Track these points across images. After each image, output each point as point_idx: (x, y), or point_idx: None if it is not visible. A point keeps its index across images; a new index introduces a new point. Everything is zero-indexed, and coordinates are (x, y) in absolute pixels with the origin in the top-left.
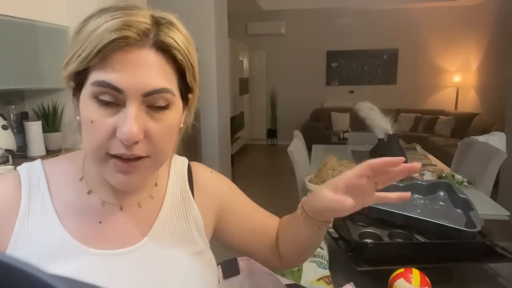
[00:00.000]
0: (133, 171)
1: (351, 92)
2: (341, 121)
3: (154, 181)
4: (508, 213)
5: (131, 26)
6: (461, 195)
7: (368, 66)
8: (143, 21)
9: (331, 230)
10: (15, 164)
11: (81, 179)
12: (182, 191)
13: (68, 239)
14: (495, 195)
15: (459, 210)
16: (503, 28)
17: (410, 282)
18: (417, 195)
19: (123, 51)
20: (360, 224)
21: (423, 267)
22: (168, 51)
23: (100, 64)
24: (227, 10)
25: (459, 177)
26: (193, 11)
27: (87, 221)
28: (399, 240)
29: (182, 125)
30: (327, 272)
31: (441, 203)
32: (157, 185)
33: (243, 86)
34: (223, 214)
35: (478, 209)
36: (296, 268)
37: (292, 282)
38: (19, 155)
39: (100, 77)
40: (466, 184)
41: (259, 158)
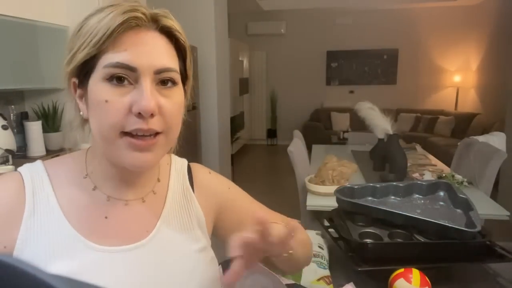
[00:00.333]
0: (148, 148)
1: (351, 92)
2: (341, 121)
3: (156, 177)
4: (508, 213)
5: (136, 9)
6: (461, 195)
7: (368, 66)
8: (142, 7)
9: (331, 230)
10: (15, 164)
11: (85, 177)
12: (183, 189)
13: (74, 235)
14: (495, 195)
15: (459, 210)
16: (503, 28)
17: (410, 282)
18: (417, 195)
19: (133, 32)
20: (360, 224)
21: (423, 267)
22: (170, 34)
23: (111, 46)
24: (227, 10)
25: (459, 177)
26: (193, 11)
27: (93, 216)
28: (399, 240)
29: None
30: (327, 272)
31: (441, 203)
32: (160, 180)
33: (243, 86)
34: (222, 212)
35: (478, 209)
36: None
37: (292, 282)
38: (19, 155)
39: (113, 58)
40: (466, 184)
41: (259, 158)
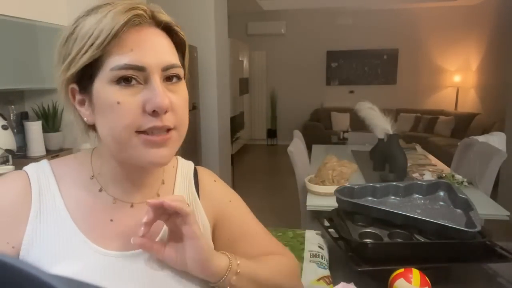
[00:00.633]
0: (164, 144)
1: (351, 92)
2: (341, 121)
3: (161, 178)
4: (508, 213)
5: (137, 7)
6: (461, 195)
7: (368, 66)
8: (140, 4)
9: (331, 230)
10: (15, 164)
11: (91, 178)
12: (189, 195)
13: (80, 238)
14: (495, 195)
15: (459, 210)
16: (503, 28)
17: (410, 282)
18: (417, 195)
19: (136, 31)
20: (360, 224)
21: (423, 267)
22: (169, 29)
23: (116, 47)
24: (227, 10)
25: (459, 177)
26: (193, 11)
27: (99, 219)
28: (399, 240)
29: None
30: (327, 272)
31: (441, 203)
32: (164, 183)
33: (243, 86)
34: (217, 224)
35: (478, 209)
36: None
37: None
38: (19, 155)
39: (120, 60)
40: (466, 184)
41: (259, 158)
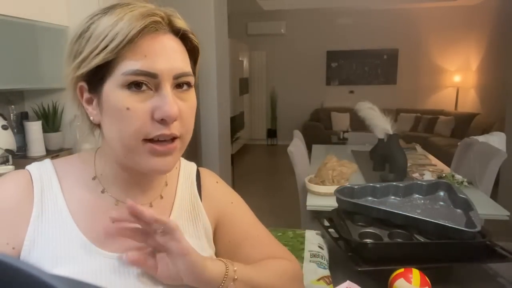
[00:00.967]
0: (169, 153)
1: (351, 92)
2: (341, 121)
3: (164, 180)
4: (508, 213)
5: (154, 13)
6: (461, 195)
7: (368, 66)
8: (156, 9)
9: (331, 230)
10: (15, 164)
11: (93, 178)
12: (191, 197)
13: (82, 239)
14: (495, 195)
15: (459, 210)
16: (503, 28)
17: (410, 282)
18: (417, 195)
19: (151, 37)
20: (360, 224)
21: (423, 267)
22: (183, 36)
23: (129, 52)
24: (227, 10)
25: (459, 177)
26: (193, 11)
27: (100, 221)
28: (399, 240)
29: None
30: (327, 272)
31: (441, 203)
32: (167, 184)
33: (243, 86)
34: (219, 226)
35: (478, 209)
36: None
37: None
38: (19, 155)
39: (133, 65)
40: (466, 184)
41: (259, 158)
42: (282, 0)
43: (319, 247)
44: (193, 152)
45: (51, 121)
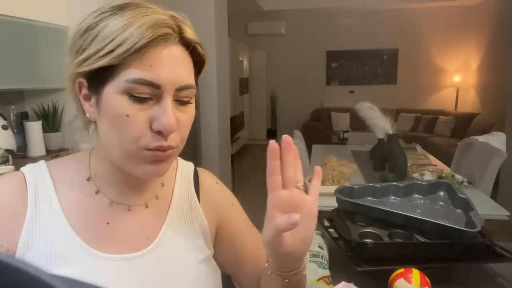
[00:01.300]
0: (164, 160)
1: (351, 92)
2: (341, 121)
3: (160, 181)
4: (508, 213)
5: (167, 23)
6: (461, 195)
7: (368, 66)
8: (168, 19)
9: (331, 230)
10: (15, 164)
11: (88, 179)
12: (188, 197)
13: (76, 241)
14: (495, 195)
15: (459, 210)
16: (503, 28)
17: (410, 282)
18: (417, 195)
19: (159, 47)
20: (360, 224)
21: (423, 267)
22: (190, 46)
23: (135, 60)
24: (227, 10)
25: (459, 177)
26: (193, 11)
27: (95, 222)
28: (399, 240)
29: None
30: (327, 272)
31: (441, 203)
32: (164, 185)
33: (243, 86)
34: (220, 227)
35: (478, 209)
36: None
37: None
38: (19, 155)
39: (138, 74)
40: (466, 184)
41: (259, 158)
42: (282, 0)
43: (319, 247)
44: (193, 152)
45: (51, 121)
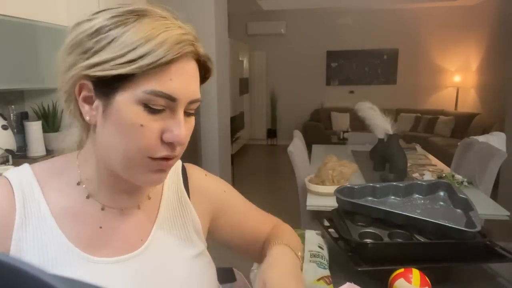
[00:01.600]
0: (165, 169)
1: (351, 92)
2: (341, 121)
3: None
4: (508, 213)
5: (190, 41)
6: (461, 195)
7: (368, 66)
8: (191, 37)
9: (331, 230)
10: (15, 164)
11: (78, 184)
12: (178, 193)
13: (68, 247)
14: (495, 195)
15: (459, 210)
16: (503, 28)
17: (410, 282)
18: (417, 195)
19: (180, 63)
20: (360, 224)
21: (423, 267)
22: (201, 61)
23: (157, 74)
24: (227, 10)
25: (459, 177)
26: (193, 11)
27: (87, 226)
28: (399, 240)
29: None
30: (327, 272)
31: (441, 203)
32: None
33: (243, 86)
34: (219, 215)
35: (478, 209)
36: None
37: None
38: (19, 155)
39: (158, 87)
40: (466, 184)
41: (259, 158)
42: (282, 0)
43: (319, 247)
44: (193, 152)
45: (51, 121)
